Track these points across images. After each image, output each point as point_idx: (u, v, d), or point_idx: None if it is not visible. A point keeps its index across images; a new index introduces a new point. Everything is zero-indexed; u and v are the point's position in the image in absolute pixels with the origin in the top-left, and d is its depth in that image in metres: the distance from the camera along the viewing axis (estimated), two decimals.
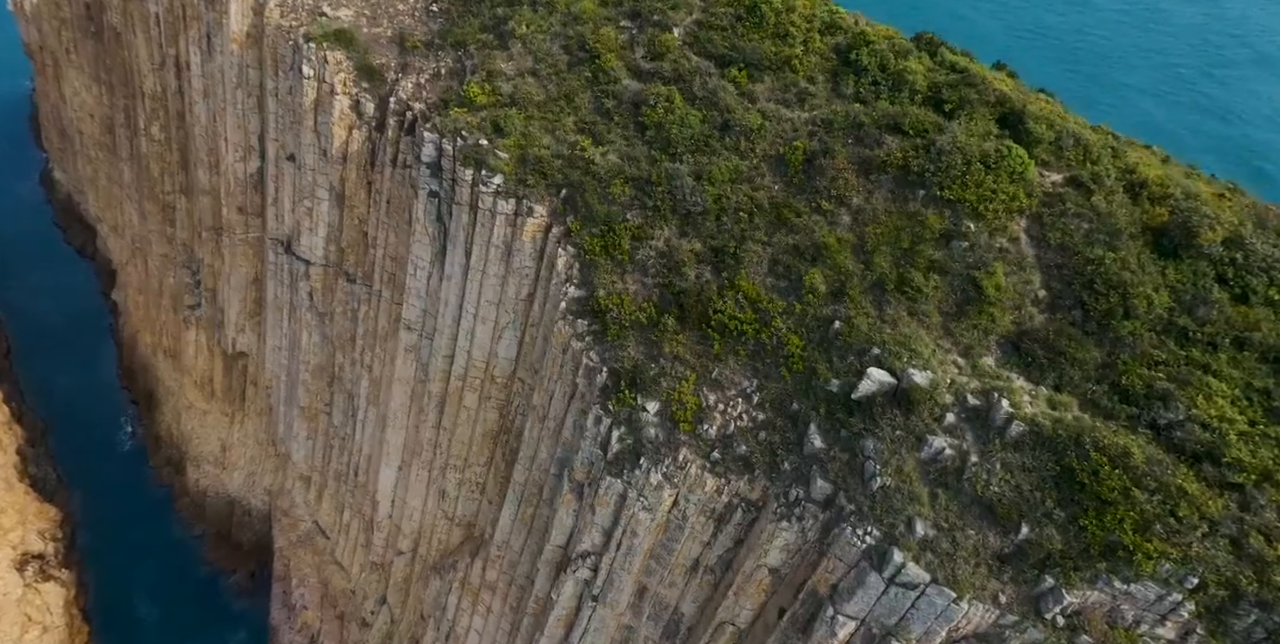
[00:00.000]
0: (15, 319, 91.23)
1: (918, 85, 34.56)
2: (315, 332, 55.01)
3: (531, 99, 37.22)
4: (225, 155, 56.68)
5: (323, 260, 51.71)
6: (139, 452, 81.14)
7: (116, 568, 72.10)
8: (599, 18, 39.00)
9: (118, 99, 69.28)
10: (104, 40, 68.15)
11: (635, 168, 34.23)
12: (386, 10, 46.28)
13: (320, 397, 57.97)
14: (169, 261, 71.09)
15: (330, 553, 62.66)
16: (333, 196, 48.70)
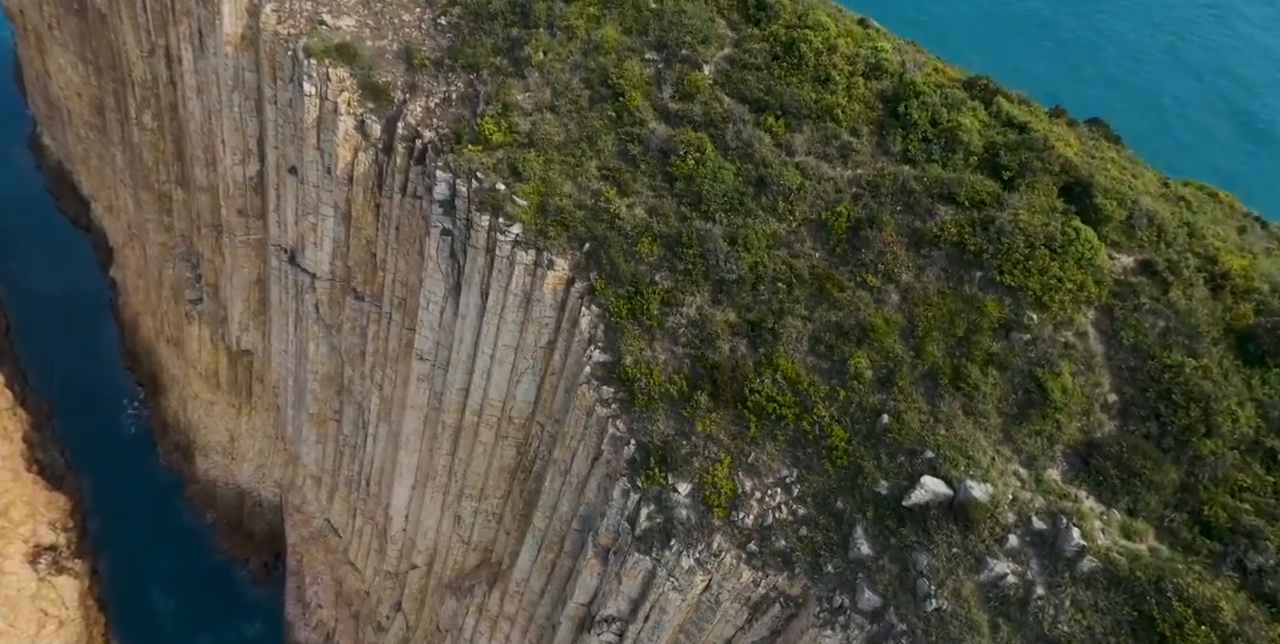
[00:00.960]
0: (12, 295, 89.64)
1: (973, 146, 32.20)
2: (323, 342, 53.65)
3: (551, 140, 35.04)
4: (223, 157, 54.36)
5: (329, 275, 50.03)
6: (145, 435, 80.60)
7: (130, 557, 72.25)
8: (622, 48, 36.43)
9: (106, 82, 66.32)
10: (89, 20, 64.83)
11: (664, 224, 32.32)
12: (391, 21, 43.48)
13: (329, 404, 56.96)
14: (168, 251, 69.17)
15: (343, 552, 62.55)
16: (338, 214, 46.76)
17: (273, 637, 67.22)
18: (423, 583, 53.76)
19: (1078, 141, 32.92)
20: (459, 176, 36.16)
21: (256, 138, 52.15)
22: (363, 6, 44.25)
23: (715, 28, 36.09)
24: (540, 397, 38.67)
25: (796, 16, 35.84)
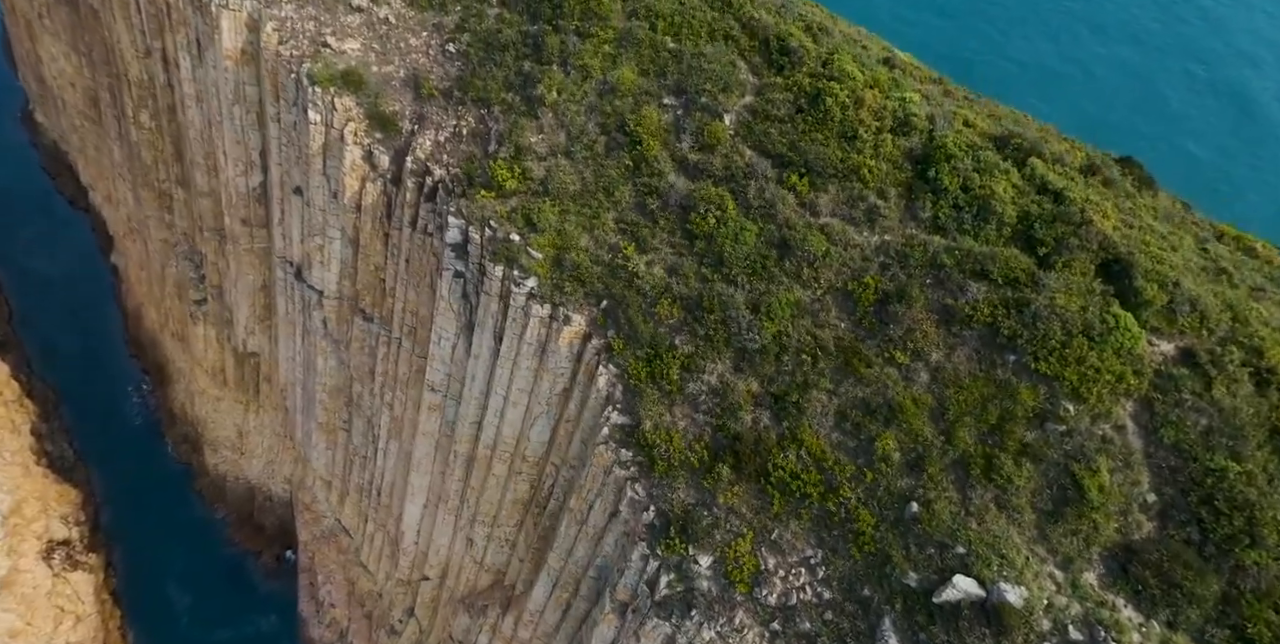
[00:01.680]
0: (13, 279, 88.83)
1: (1006, 216, 31.13)
2: (331, 356, 53.27)
3: (566, 189, 34.14)
4: (224, 168, 53.23)
5: (336, 294, 49.40)
6: (153, 424, 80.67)
7: (142, 550, 72.93)
8: (639, 91, 35.21)
9: (100, 77, 64.63)
10: (80, 13, 62.86)
11: (684, 285, 31.66)
12: (397, 45, 42.04)
13: (338, 415, 56.84)
14: (169, 248, 68.32)
15: (355, 553, 63.11)
16: (345, 238, 45.95)
17: (287, 630, 68.25)
18: (435, 594, 54.34)
19: (1115, 210, 31.66)
20: (471, 223, 35.36)
21: (259, 150, 51.01)
22: (367, 28, 42.80)
23: (736, 73, 34.80)
24: (555, 440, 38.49)
25: (821, 63, 34.52)
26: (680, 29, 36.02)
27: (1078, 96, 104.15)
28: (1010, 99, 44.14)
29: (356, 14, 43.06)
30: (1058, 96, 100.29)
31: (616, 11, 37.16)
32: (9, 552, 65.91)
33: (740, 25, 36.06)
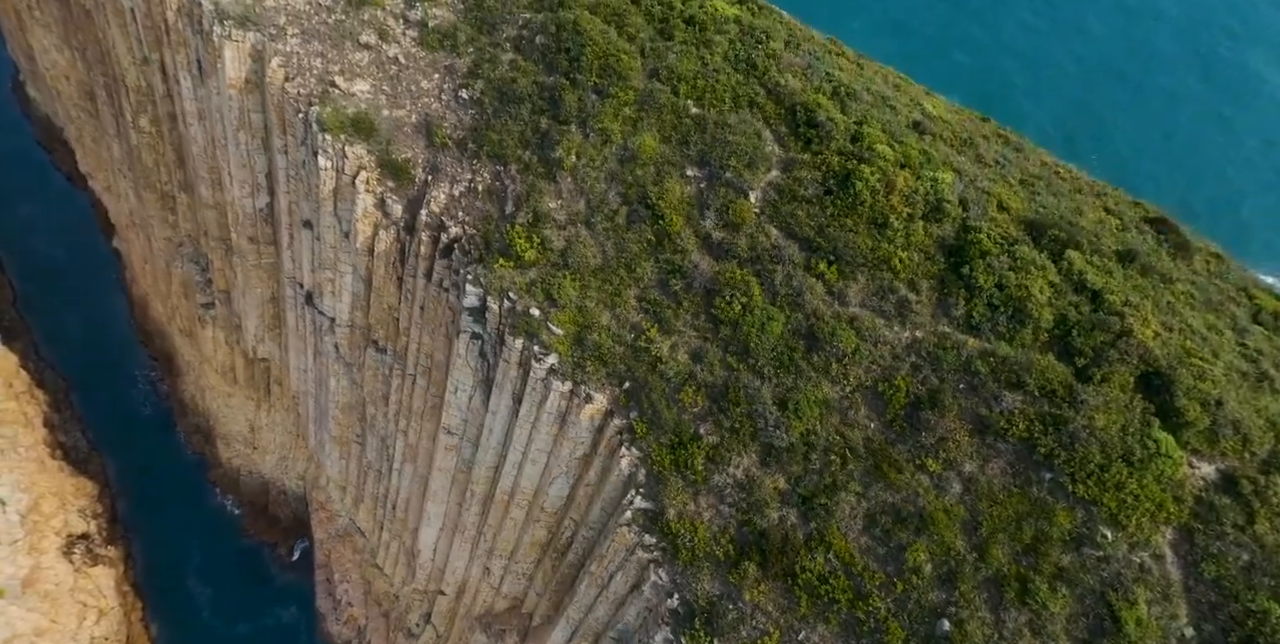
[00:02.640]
0: (14, 259, 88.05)
1: (1043, 320, 30.33)
2: (343, 377, 53.17)
3: (586, 263, 33.50)
4: (229, 187, 52.16)
5: (348, 323, 49.01)
6: (164, 413, 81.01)
7: (160, 541, 74.13)
8: (660, 160, 34.14)
9: (96, 75, 62.69)
10: (72, 11, 60.64)
11: (709, 373, 31.33)
12: (409, 88, 40.63)
13: (352, 429, 57.03)
14: (174, 247, 67.42)
15: (370, 554, 64.16)
16: (357, 274, 45.30)
17: (306, 623, 69.88)
18: (452, 607, 55.45)
19: (1154, 311, 30.80)
20: (490, 293, 34.82)
21: (265, 173, 49.89)
22: (376, 68, 41.34)
23: (762, 145, 33.67)
24: (574, 498, 38.70)
25: (849, 137, 33.37)
26: (703, 93, 34.74)
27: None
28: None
29: (365, 51, 41.54)
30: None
31: (636, 70, 35.81)
32: (30, 550, 66.97)
33: (766, 91, 34.78)
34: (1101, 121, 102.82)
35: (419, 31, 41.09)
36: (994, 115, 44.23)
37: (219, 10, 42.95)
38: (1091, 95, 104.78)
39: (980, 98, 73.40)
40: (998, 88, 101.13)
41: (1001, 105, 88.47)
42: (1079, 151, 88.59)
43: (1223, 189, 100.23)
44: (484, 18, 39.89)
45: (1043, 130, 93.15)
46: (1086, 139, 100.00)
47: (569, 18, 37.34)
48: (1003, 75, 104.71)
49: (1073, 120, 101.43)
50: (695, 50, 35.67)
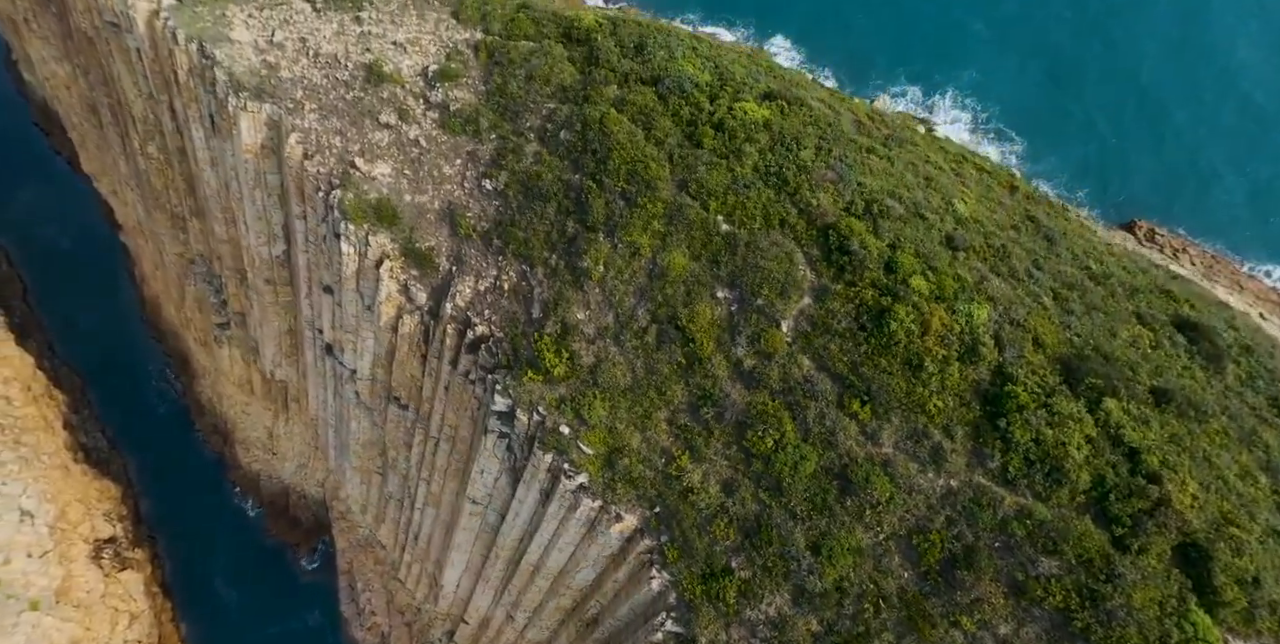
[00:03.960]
0: (21, 250, 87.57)
1: (1080, 482, 30.45)
2: (364, 419, 53.80)
3: (616, 383, 33.66)
4: (244, 232, 51.69)
5: (369, 377, 49.35)
6: (181, 410, 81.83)
7: (185, 541, 75.98)
8: (690, 278, 33.86)
9: (99, 95, 61.19)
10: (73, 35, 58.76)
11: (741, 507, 31.87)
12: (430, 173, 39.96)
13: (373, 461, 57.98)
14: (185, 263, 67.10)
15: (392, 566, 66.01)
16: (379, 341, 45.33)
17: (331, 624, 72.30)
18: (475, 635, 57.40)
19: (1191, 468, 31.02)
20: (519, 405, 35.10)
21: (282, 224, 49.42)
22: (397, 150, 40.56)
23: (794, 269, 33.36)
24: (601, 585, 39.74)
25: (883, 265, 33.01)
26: (734, 210, 34.25)
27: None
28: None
29: (385, 131, 40.68)
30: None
31: (664, 178, 35.20)
32: (60, 559, 68.85)
33: (798, 211, 34.26)
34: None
35: (440, 114, 40.15)
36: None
37: (233, 80, 41.90)
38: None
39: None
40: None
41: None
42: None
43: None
44: (507, 104, 38.97)
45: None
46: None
47: (595, 115, 36.49)
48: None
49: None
50: (725, 162, 35.01)
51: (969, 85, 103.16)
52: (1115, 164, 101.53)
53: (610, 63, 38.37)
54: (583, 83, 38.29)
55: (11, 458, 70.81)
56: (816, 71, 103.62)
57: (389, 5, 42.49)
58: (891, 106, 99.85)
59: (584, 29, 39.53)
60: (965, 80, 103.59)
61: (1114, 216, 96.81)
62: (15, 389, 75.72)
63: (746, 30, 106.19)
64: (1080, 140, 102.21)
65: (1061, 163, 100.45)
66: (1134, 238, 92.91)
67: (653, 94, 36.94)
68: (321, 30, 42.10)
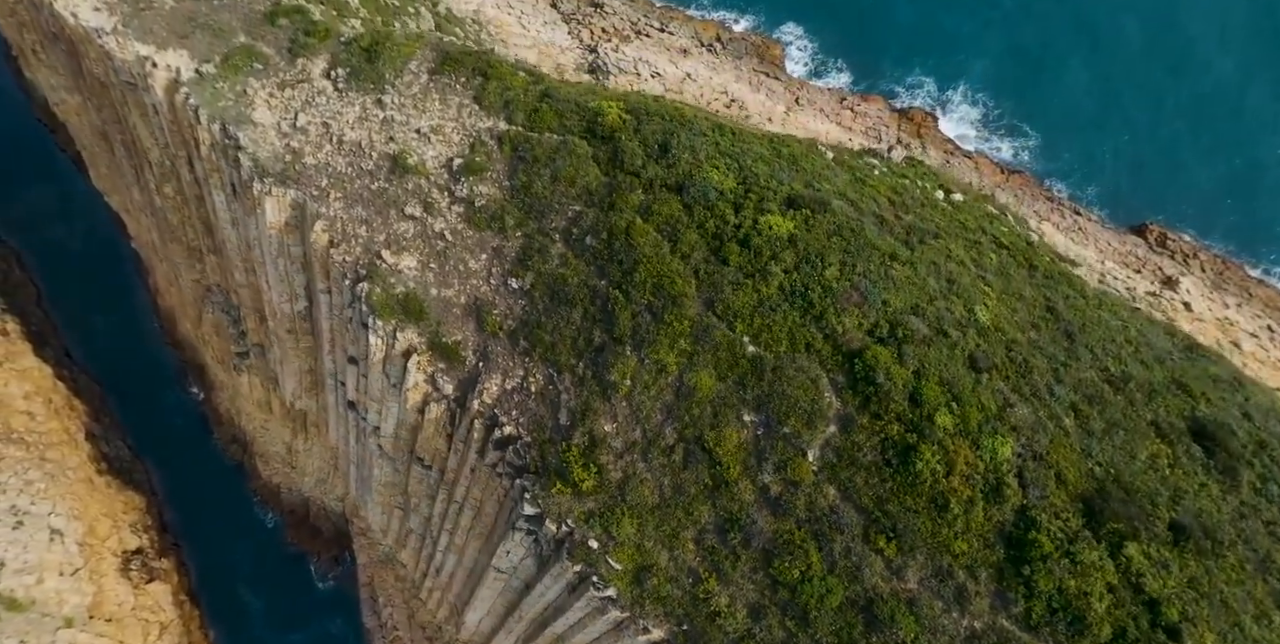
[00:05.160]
0: (33, 252, 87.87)
1: (1102, 634, 31.36)
2: (386, 467, 55.02)
3: (644, 502, 34.71)
4: (265, 288, 52.11)
5: (393, 436, 50.33)
6: (200, 419, 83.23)
7: (208, 548, 78.20)
8: (717, 400, 34.58)
9: (113, 131, 60.74)
10: (83, 73, 57.99)
11: (768, 634, 33.15)
12: (456, 267, 40.32)
13: (394, 499, 59.38)
14: (202, 289, 67.56)
15: (413, 585, 68.16)
16: (404, 414, 46.18)
17: (354, 633, 74.96)
18: None
19: (1210, 629, 31.92)
20: (547, 515, 36.22)
21: (305, 285, 49.82)
22: (423, 242, 40.84)
23: (819, 396, 34.04)
24: None
25: (907, 396, 33.67)
26: (760, 332, 34.79)
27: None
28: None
29: (410, 222, 40.89)
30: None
31: (691, 295, 35.64)
32: (91, 575, 71.13)
33: (823, 336, 34.76)
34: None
35: (465, 208, 40.31)
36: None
37: (258, 165, 41.94)
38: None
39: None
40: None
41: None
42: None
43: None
44: (532, 204, 39.14)
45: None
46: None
47: (621, 225, 36.74)
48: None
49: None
50: (751, 282, 35.42)
51: (982, 77, 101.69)
52: (1128, 161, 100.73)
53: (634, 165, 38.41)
54: (608, 186, 38.40)
55: (39, 476, 72.51)
56: (830, 63, 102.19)
57: (411, 88, 42.20)
58: (907, 102, 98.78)
59: (608, 126, 39.38)
60: (979, 71, 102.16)
61: (1125, 218, 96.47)
62: (38, 403, 77.02)
63: (757, 17, 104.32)
64: (1094, 136, 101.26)
65: (1075, 160, 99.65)
66: (1145, 243, 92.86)
67: (678, 203, 37.12)
68: (344, 114, 41.93)
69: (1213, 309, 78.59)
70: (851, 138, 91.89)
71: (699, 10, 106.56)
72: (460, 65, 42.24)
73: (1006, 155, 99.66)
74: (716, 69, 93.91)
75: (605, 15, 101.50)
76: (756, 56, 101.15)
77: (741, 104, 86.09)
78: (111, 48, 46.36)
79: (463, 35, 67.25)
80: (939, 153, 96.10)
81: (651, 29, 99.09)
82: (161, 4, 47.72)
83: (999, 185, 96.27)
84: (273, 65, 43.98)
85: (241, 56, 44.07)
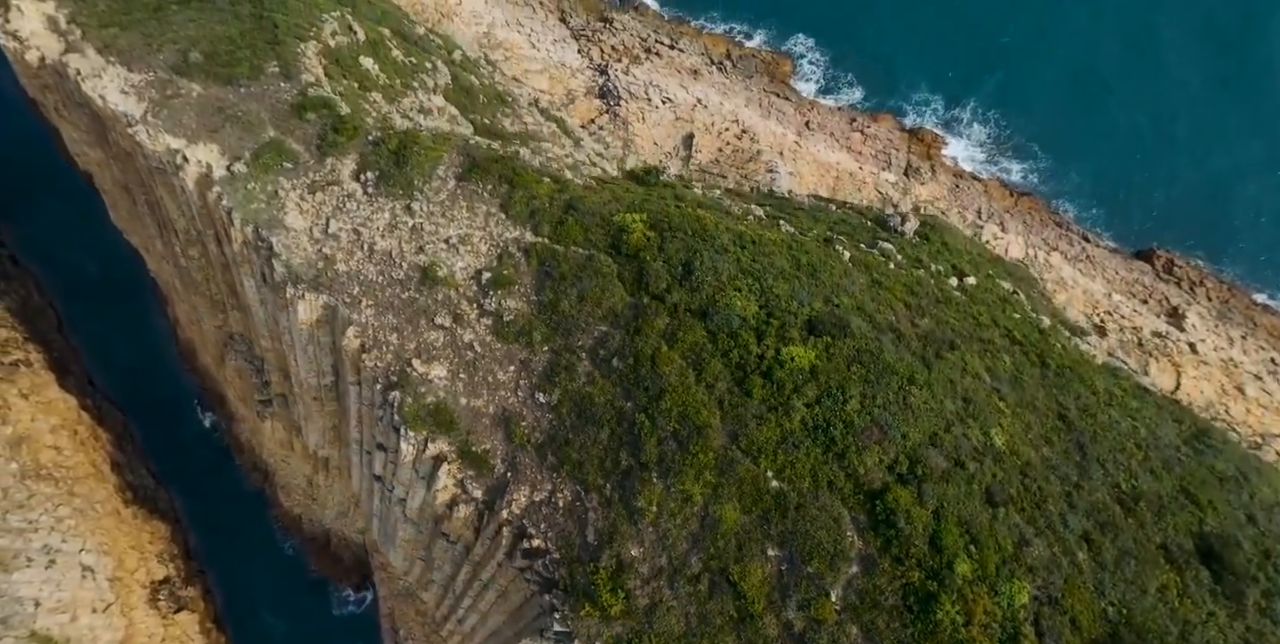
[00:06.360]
0: (50, 277, 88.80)
1: None
2: (410, 530, 56.78)
3: (671, 630, 36.33)
4: (293, 364, 53.35)
5: (419, 511, 51.96)
6: (221, 446, 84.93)
7: (233, 573, 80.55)
8: (742, 533, 36.05)
9: (137, 191, 61.47)
10: (109, 141, 58.54)
11: None
12: (485, 378, 41.56)
13: (418, 552, 61.29)
14: (225, 335, 68.79)
15: (435, 622, 70.50)
16: (431, 500, 47.69)
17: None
18: None
19: None
20: (577, 636, 37.93)
21: (332, 365, 51.09)
22: (452, 352, 42.04)
23: (842, 534, 35.48)
24: None
25: (928, 539, 35.08)
26: (784, 467, 36.14)
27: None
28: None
29: (439, 331, 42.05)
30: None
31: (715, 427, 36.95)
32: (122, 610, 73.50)
33: (845, 474, 36.11)
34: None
35: (493, 321, 41.43)
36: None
37: (291, 272, 42.95)
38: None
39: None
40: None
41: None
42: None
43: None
44: (559, 321, 40.27)
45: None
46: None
47: (647, 350, 37.93)
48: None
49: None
50: (774, 416, 36.67)
51: (992, 95, 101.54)
52: (1138, 182, 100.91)
53: (659, 288, 39.43)
54: (633, 307, 39.49)
55: (68, 512, 74.52)
56: (840, 79, 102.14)
57: (439, 194, 43.04)
58: (916, 121, 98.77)
59: (632, 245, 40.31)
60: (988, 89, 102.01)
61: (1133, 240, 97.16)
62: (64, 437, 78.75)
63: (767, 30, 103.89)
64: (1103, 156, 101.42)
65: (1083, 182, 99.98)
66: (1152, 268, 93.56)
67: (702, 330, 38.26)
68: (374, 220, 42.84)
69: (1218, 349, 79.73)
70: (862, 165, 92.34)
71: (708, 22, 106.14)
72: (486, 173, 43.01)
73: (1016, 177, 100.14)
74: (727, 93, 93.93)
75: (615, 31, 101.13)
76: (767, 74, 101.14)
77: (753, 135, 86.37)
78: (143, 139, 47.06)
79: (478, 83, 67.60)
80: (948, 177, 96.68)
81: (661, 46, 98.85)
82: (189, 91, 48.38)
83: (1008, 210, 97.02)
84: (303, 164, 44.76)
85: (272, 154, 44.80)
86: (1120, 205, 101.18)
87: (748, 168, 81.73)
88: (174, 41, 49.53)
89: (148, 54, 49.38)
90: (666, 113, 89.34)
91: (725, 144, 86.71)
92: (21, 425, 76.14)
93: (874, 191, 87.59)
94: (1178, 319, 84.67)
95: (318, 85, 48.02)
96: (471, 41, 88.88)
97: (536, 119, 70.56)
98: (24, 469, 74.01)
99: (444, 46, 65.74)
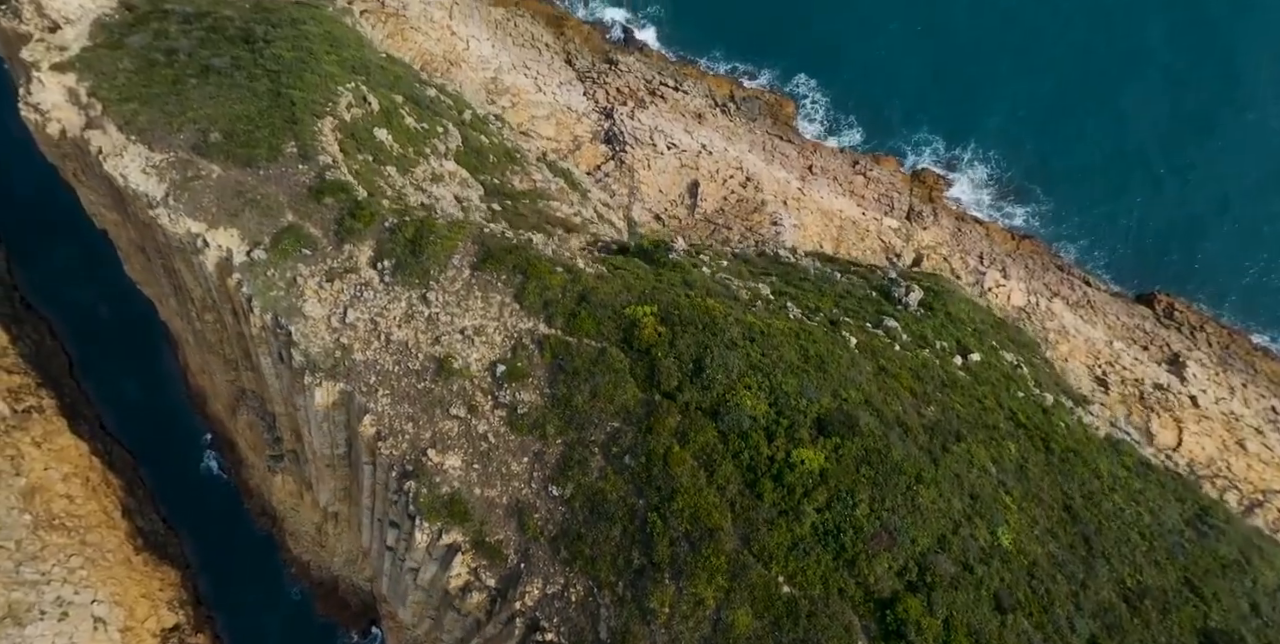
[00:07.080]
0: (62, 320, 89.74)
1: None
2: (421, 595, 57.59)
3: None
4: (307, 433, 54.18)
5: (430, 583, 52.74)
6: (230, 489, 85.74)
7: (241, 618, 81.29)
8: (754, 638, 36.81)
9: (153, 255, 62.32)
10: (128, 212, 59.42)
11: None
12: (499, 469, 42.39)
13: (428, 612, 62.09)
14: (238, 390, 69.63)
15: None
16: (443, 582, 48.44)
17: None
18: None
19: None
20: None
21: (347, 438, 51.91)
22: (467, 442, 42.87)
23: (853, 642, 36.26)
24: None
25: None
26: (795, 573, 36.95)
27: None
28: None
29: (454, 422, 42.88)
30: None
31: (727, 530, 37.77)
32: None
33: (855, 582, 36.93)
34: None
35: (507, 412, 42.25)
36: None
37: (309, 360, 43.79)
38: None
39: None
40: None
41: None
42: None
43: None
44: (572, 416, 41.09)
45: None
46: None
47: (659, 450, 38.77)
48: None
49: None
50: (785, 520, 37.51)
51: (992, 135, 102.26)
52: (1139, 225, 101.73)
53: (670, 386, 40.30)
54: (645, 405, 40.34)
55: (80, 563, 75.35)
56: (842, 120, 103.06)
57: (454, 284, 43.89)
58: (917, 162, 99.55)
59: (644, 340, 41.18)
60: (989, 129, 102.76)
61: (1135, 283, 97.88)
62: (75, 485, 79.62)
63: (770, 70, 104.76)
64: (1105, 199, 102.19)
65: (1085, 223, 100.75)
66: (1153, 313, 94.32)
67: (714, 430, 39.12)
68: (391, 310, 43.68)
69: (1219, 401, 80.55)
70: (865, 210, 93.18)
71: (711, 63, 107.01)
72: (501, 263, 43.88)
73: (1018, 221, 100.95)
74: (731, 138, 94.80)
75: (620, 73, 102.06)
76: (770, 116, 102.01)
77: (757, 184, 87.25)
78: (164, 222, 47.90)
79: (487, 142, 68.50)
80: (950, 220, 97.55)
81: (666, 89, 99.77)
82: (209, 172, 49.25)
83: (1010, 254, 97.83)
84: (321, 250, 45.61)
85: (291, 240, 45.64)
86: (1122, 249, 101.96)
87: (752, 219, 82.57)
88: (194, 121, 50.38)
89: (168, 133, 50.24)
90: (671, 159, 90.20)
91: (730, 192, 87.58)
92: (34, 475, 77.02)
93: (877, 240, 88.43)
94: (1179, 367, 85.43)
95: (335, 166, 48.89)
96: (479, 88, 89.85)
97: (545, 175, 71.47)
98: (37, 520, 74.88)
99: (454, 107, 66.66)
